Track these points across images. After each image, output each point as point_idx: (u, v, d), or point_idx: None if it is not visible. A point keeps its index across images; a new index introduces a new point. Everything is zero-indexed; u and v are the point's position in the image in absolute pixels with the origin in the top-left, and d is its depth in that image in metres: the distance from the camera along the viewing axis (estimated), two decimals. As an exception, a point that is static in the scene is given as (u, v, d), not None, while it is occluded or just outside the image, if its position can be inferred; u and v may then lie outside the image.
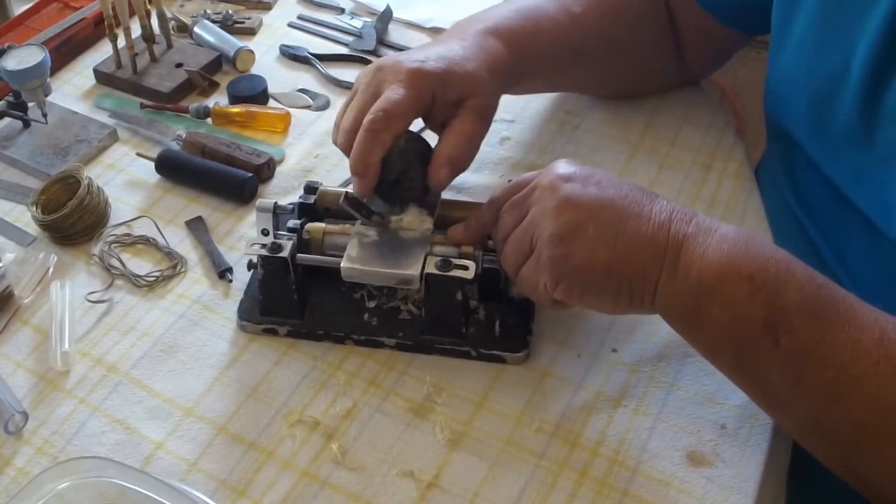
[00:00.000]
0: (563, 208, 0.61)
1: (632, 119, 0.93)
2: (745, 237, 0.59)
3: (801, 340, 0.56)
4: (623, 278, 0.60)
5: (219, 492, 0.62)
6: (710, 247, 0.58)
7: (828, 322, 0.55)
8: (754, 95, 1.16)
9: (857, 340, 0.54)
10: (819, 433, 0.58)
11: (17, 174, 0.89)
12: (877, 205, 0.68)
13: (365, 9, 1.11)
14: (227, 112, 0.93)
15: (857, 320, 0.55)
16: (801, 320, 0.56)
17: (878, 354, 0.54)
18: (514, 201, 0.66)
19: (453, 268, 0.66)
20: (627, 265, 0.60)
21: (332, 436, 0.65)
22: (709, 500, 0.61)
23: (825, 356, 0.55)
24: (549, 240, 0.61)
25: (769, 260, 0.57)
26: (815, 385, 0.56)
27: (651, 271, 0.59)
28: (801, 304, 0.56)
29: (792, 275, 0.57)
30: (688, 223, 0.60)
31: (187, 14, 1.09)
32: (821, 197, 0.75)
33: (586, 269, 0.60)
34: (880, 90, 0.65)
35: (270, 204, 0.72)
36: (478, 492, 0.62)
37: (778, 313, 0.56)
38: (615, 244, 0.60)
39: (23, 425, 0.66)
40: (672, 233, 0.59)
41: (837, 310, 0.56)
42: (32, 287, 0.77)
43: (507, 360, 0.69)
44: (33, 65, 0.86)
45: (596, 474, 0.62)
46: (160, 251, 0.80)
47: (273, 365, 0.70)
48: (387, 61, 0.72)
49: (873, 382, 0.54)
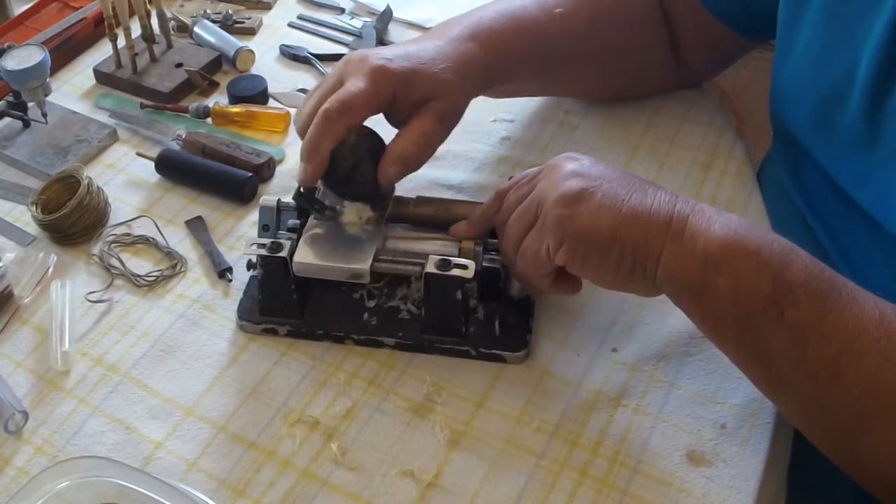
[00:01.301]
0: (570, 176, 0.62)
1: (632, 119, 0.93)
2: (748, 222, 0.60)
3: (805, 316, 0.56)
4: (626, 244, 0.60)
5: (218, 491, 0.62)
6: (717, 222, 0.59)
7: (832, 300, 0.56)
8: (755, 95, 1.16)
9: (858, 318, 0.55)
10: (819, 415, 0.58)
11: (17, 174, 0.89)
12: (881, 205, 0.68)
13: (365, 9, 1.11)
14: (227, 112, 0.93)
15: (857, 301, 0.56)
16: (806, 296, 0.56)
17: (878, 332, 0.54)
18: (519, 184, 0.67)
19: (453, 267, 0.66)
20: (632, 231, 0.59)
21: (331, 435, 0.65)
22: (709, 500, 0.61)
23: (828, 332, 0.55)
24: (555, 202, 0.61)
25: (774, 241, 0.58)
26: (817, 361, 0.56)
27: (656, 239, 0.59)
28: (805, 281, 0.57)
29: (796, 255, 0.58)
30: (692, 205, 0.61)
31: (187, 14, 1.09)
32: (826, 196, 0.76)
33: (590, 231, 0.60)
34: (885, 93, 0.65)
35: (274, 201, 0.72)
36: (478, 491, 0.62)
37: (783, 288, 0.56)
38: (621, 209, 0.60)
39: (23, 425, 0.66)
40: (678, 207, 0.60)
41: (840, 290, 0.57)
42: (32, 287, 0.77)
43: (507, 359, 0.69)
44: (33, 65, 0.86)
45: (596, 474, 0.62)
46: (160, 251, 0.80)
47: (273, 365, 0.70)
48: (355, 55, 0.72)
49: (874, 359, 0.54)
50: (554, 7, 0.83)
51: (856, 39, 0.67)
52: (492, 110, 0.93)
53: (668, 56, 0.90)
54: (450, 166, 0.87)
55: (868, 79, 0.66)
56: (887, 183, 0.66)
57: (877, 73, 0.65)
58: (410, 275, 0.70)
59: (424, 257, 0.67)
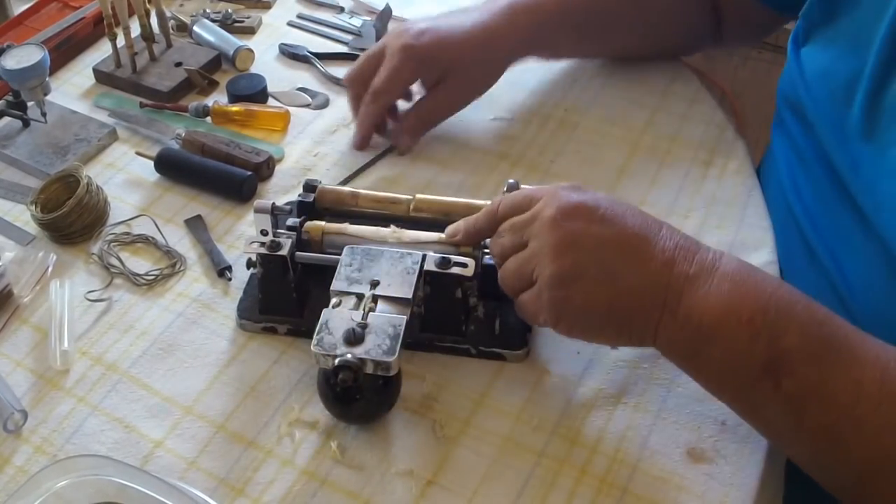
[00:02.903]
0: (564, 249, 0.60)
1: (632, 117, 0.92)
2: (746, 274, 0.59)
3: (802, 383, 0.56)
4: (623, 319, 0.60)
5: (218, 490, 0.62)
6: (712, 289, 0.58)
7: (829, 363, 0.55)
8: (754, 95, 1.16)
9: (858, 382, 0.54)
10: (821, 471, 0.59)
11: (17, 173, 0.89)
12: (870, 197, 0.68)
13: (364, 7, 1.11)
14: (226, 111, 0.93)
15: (858, 360, 0.55)
16: (802, 363, 0.56)
17: (879, 396, 0.54)
18: (514, 224, 0.65)
19: (453, 265, 0.66)
20: (628, 307, 0.60)
21: (331, 434, 0.65)
22: (709, 497, 0.61)
23: (826, 399, 0.55)
24: (550, 280, 0.61)
25: (770, 300, 0.57)
26: (816, 427, 0.56)
27: (652, 314, 0.59)
28: (801, 346, 0.56)
29: (793, 315, 0.57)
30: (690, 262, 0.59)
31: (187, 13, 1.09)
32: (821, 187, 0.76)
33: (587, 311, 0.61)
34: (885, 87, 0.66)
35: (268, 204, 0.71)
36: (477, 490, 0.61)
37: (778, 356, 0.56)
38: (616, 286, 0.60)
39: (22, 424, 0.66)
40: (675, 274, 0.59)
41: (839, 349, 0.56)
42: (32, 286, 0.76)
43: (507, 357, 0.69)
44: (32, 64, 0.86)
45: (596, 472, 0.62)
46: (159, 250, 0.80)
47: (272, 363, 0.70)
48: (399, 28, 0.87)
49: (875, 424, 0.54)
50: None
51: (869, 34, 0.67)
52: (491, 109, 0.93)
53: (708, 24, 0.94)
54: (449, 166, 0.87)
55: (871, 72, 0.67)
56: (876, 175, 0.66)
57: (879, 67, 0.66)
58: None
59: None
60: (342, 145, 0.91)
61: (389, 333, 0.62)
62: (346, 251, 0.69)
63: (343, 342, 0.61)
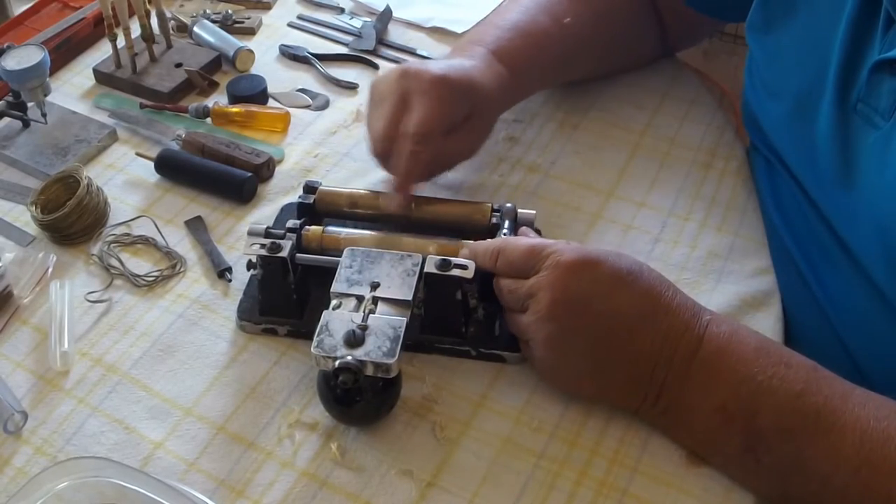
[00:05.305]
0: (555, 344, 0.63)
1: (632, 119, 0.92)
2: (725, 353, 0.60)
3: (780, 458, 0.57)
4: (605, 400, 0.65)
5: (218, 492, 0.62)
6: (687, 381, 0.60)
7: (807, 435, 0.57)
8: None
9: (836, 450, 0.56)
10: None
11: (17, 174, 0.89)
12: (841, 215, 0.69)
13: (364, 8, 1.11)
14: (226, 112, 0.93)
15: (836, 428, 0.56)
16: (778, 440, 0.57)
17: (857, 461, 0.55)
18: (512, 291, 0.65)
19: (453, 267, 0.66)
20: (609, 397, 0.64)
21: (331, 435, 0.65)
22: (708, 500, 0.61)
23: (806, 471, 0.57)
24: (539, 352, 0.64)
25: (742, 383, 0.59)
26: (800, 497, 0.58)
27: (631, 403, 0.63)
28: (775, 423, 0.58)
29: (769, 392, 0.58)
30: (673, 350, 0.61)
31: (187, 14, 1.09)
32: (797, 204, 0.76)
33: (574, 391, 0.66)
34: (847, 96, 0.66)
35: (262, 229, 0.71)
36: (477, 491, 0.62)
37: (754, 436, 0.58)
38: (602, 380, 0.63)
39: (22, 425, 0.66)
40: (656, 370, 0.61)
41: (817, 417, 0.57)
42: (32, 287, 0.76)
43: (507, 359, 0.69)
44: (33, 64, 0.86)
45: (595, 474, 0.62)
46: (159, 251, 0.80)
47: (272, 365, 0.70)
48: (409, 69, 0.75)
49: (856, 490, 0.55)
50: (562, 16, 0.85)
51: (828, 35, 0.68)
52: (491, 110, 0.93)
53: (657, 39, 0.95)
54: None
55: (835, 83, 0.67)
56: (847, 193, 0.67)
57: (843, 74, 0.67)
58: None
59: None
60: (342, 146, 0.91)
61: (389, 335, 0.62)
62: (346, 253, 0.69)
63: (343, 344, 0.61)
